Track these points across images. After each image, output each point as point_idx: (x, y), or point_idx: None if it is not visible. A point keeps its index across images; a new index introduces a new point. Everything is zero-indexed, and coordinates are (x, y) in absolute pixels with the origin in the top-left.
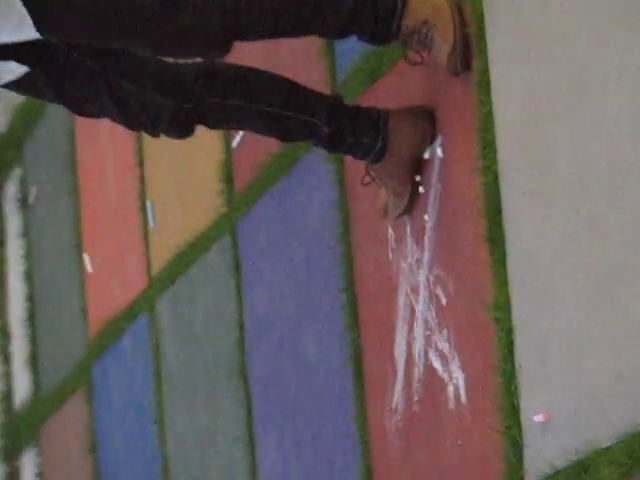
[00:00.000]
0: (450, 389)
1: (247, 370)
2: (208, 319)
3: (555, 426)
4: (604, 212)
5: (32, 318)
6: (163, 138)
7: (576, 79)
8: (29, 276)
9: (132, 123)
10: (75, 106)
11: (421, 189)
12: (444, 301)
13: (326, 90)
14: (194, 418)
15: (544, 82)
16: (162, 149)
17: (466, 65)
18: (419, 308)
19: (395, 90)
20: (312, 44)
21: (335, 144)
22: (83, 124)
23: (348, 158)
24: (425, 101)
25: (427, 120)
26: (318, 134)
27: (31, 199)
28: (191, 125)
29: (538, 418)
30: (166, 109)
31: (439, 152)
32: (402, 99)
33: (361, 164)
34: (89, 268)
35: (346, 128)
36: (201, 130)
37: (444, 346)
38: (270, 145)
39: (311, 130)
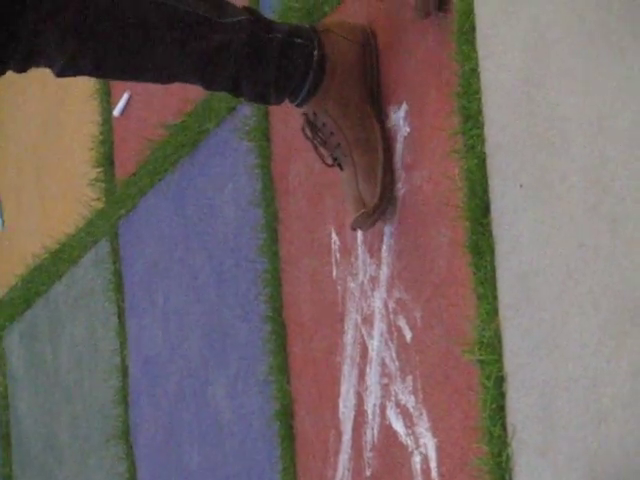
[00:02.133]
0: (416, 460)
1: (132, 433)
2: (77, 360)
3: None
4: (632, 212)
5: None
6: (17, 98)
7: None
8: None
9: None
10: None
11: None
12: (408, 336)
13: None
14: None
15: (551, 22)
16: (13, 117)
17: (441, 3)
18: (374, 346)
19: None
20: None
21: (260, 55)
22: None
23: (275, 132)
24: (384, 55)
25: (366, 33)
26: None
27: None
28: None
29: None
30: None
31: (403, 126)
32: None
33: (293, 138)
34: None
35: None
36: (69, 90)
37: (408, 400)
38: (165, 113)
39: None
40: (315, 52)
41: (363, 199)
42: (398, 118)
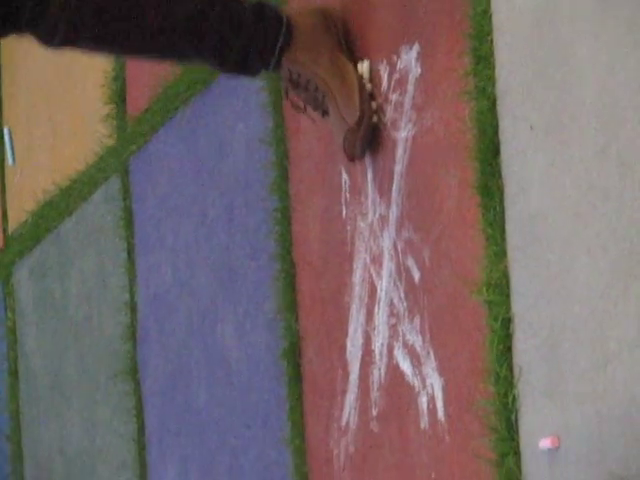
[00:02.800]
0: (423, 400)
1: (140, 369)
2: (86, 296)
3: (567, 455)
4: None
5: None
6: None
7: None
8: None
9: None
10: None
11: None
12: (417, 276)
13: None
14: (64, 436)
15: None
16: (25, 53)
17: None
18: (382, 286)
19: None
20: None
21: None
22: None
23: None
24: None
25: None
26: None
27: None
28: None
29: (544, 444)
30: None
31: (415, 67)
32: None
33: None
34: None
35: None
36: None
37: (416, 340)
38: None
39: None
40: (284, 15)
41: (347, 121)
42: (410, 59)
